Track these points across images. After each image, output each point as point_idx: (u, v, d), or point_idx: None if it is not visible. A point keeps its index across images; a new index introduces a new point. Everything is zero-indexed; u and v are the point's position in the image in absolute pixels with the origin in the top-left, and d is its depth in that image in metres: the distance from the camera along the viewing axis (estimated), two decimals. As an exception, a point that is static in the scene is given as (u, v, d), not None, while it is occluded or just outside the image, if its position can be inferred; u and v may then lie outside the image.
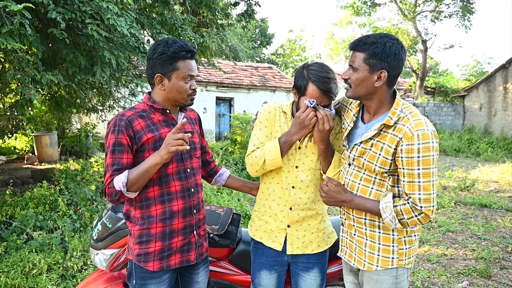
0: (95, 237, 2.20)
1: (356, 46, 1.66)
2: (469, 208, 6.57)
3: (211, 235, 2.12)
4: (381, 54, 1.59)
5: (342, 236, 1.93)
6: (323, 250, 2.02)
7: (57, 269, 3.71)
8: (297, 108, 1.91)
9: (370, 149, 1.70)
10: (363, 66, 1.63)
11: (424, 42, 19.39)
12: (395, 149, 1.61)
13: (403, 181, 1.62)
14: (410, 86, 22.10)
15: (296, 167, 1.96)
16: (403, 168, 1.60)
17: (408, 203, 1.60)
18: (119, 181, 1.64)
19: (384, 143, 1.65)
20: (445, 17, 19.14)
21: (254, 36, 31.69)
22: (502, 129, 15.58)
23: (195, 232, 1.88)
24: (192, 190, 1.87)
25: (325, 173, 1.92)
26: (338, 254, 1.97)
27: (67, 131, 12.18)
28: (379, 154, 1.66)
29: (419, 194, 1.57)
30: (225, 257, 2.29)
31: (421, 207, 1.57)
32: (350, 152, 1.80)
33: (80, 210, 5.46)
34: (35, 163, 10.42)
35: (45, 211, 5.28)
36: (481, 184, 8.43)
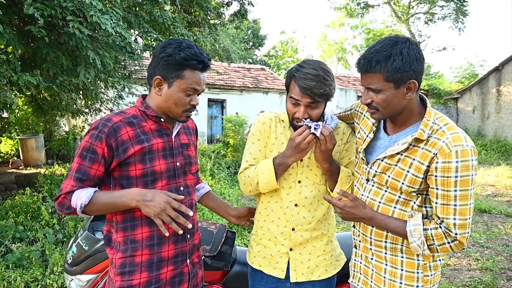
0: (69, 261, 1.94)
1: (369, 68, 1.38)
2: (468, 213, 6.38)
3: (202, 258, 1.87)
4: (403, 66, 1.34)
5: (355, 260, 1.69)
6: (331, 276, 1.78)
7: (35, 287, 3.41)
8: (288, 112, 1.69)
9: (396, 165, 1.46)
10: (386, 85, 1.38)
11: (417, 44, 19.33)
12: (428, 166, 1.38)
13: (436, 202, 1.39)
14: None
15: (299, 182, 1.73)
16: (437, 189, 1.37)
17: (441, 227, 1.38)
18: (78, 199, 1.40)
19: (414, 159, 1.42)
20: (438, 19, 19.14)
21: (246, 37, 31.47)
22: (496, 131, 15.54)
23: (188, 260, 1.61)
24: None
25: (332, 191, 1.70)
26: (349, 281, 1.73)
27: (55, 133, 11.82)
28: (408, 171, 1.43)
29: (454, 219, 1.36)
30: (218, 280, 2.04)
31: (456, 234, 1.36)
32: (370, 168, 1.56)
33: (64, 219, 5.17)
34: (20, 167, 10.08)
35: (26, 221, 4.97)
36: (478, 188, 8.29)
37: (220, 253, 1.98)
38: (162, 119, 1.55)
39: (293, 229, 1.72)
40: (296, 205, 1.72)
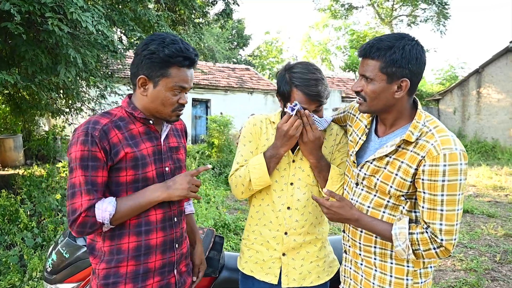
0: (49, 269, 1.84)
1: (369, 52, 1.38)
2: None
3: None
4: (401, 60, 1.32)
5: (345, 265, 1.65)
6: (323, 282, 1.73)
7: (12, 294, 3.28)
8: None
9: (385, 168, 1.43)
10: (379, 76, 1.36)
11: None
12: (416, 169, 1.35)
13: (422, 207, 1.36)
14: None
15: (291, 184, 1.68)
16: (424, 192, 1.34)
17: (427, 232, 1.35)
18: (105, 211, 1.30)
19: (402, 162, 1.39)
20: (421, 21, 19.49)
21: (230, 37, 31.34)
22: (476, 132, 15.86)
23: (175, 271, 1.53)
24: (176, 219, 1.53)
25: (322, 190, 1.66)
26: (340, 287, 1.69)
27: (34, 133, 11.48)
28: (396, 174, 1.40)
29: (441, 224, 1.32)
30: (206, 287, 1.98)
31: (441, 240, 1.31)
32: (359, 170, 1.52)
33: (43, 222, 5.00)
34: (-3, 168, 9.75)
35: (3, 224, 4.79)
36: (460, 188, 8.40)
37: (207, 259, 1.92)
38: (151, 121, 1.46)
39: (285, 233, 1.67)
40: (288, 208, 1.67)
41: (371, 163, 1.47)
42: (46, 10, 3.36)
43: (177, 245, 1.53)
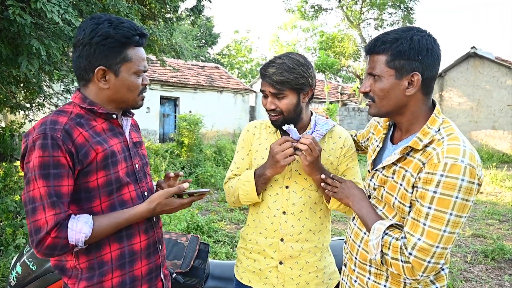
0: (12, 283, 1.64)
1: (374, 47, 1.26)
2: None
3: (173, 275, 1.65)
4: (409, 51, 1.20)
5: (342, 279, 1.54)
6: None
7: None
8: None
9: (392, 178, 1.30)
10: (387, 71, 1.23)
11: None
12: (416, 177, 1.21)
13: (408, 215, 1.22)
14: (354, 91, 22.79)
15: (286, 187, 1.58)
16: (417, 201, 1.19)
17: (401, 241, 1.19)
18: (79, 233, 1.13)
19: (407, 171, 1.24)
20: (387, 25, 19.96)
21: (199, 35, 30.92)
22: (438, 134, 16.48)
23: (161, 274, 1.41)
24: (154, 219, 1.40)
25: (328, 203, 1.57)
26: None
27: (-12, 130, 10.76)
28: (400, 185, 1.26)
29: (419, 239, 1.14)
30: (189, 299, 1.83)
31: (409, 254, 1.15)
32: (370, 180, 1.42)
33: (0, 225, 4.64)
34: None
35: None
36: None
37: (192, 269, 1.78)
38: (115, 116, 1.31)
39: (281, 240, 1.57)
40: (284, 212, 1.57)
41: (381, 172, 1.36)
42: (7, -4, 3.07)
43: (160, 246, 1.41)
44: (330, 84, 21.62)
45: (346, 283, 1.49)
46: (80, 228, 1.14)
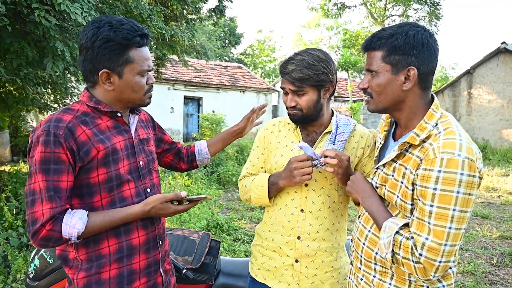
0: (31, 275, 1.71)
1: (370, 43, 1.27)
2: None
3: (183, 271, 1.68)
4: (404, 46, 1.21)
5: (349, 277, 1.52)
6: None
7: (-6, 297, 3.12)
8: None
9: (393, 176, 1.28)
10: (383, 66, 1.24)
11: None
12: (414, 174, 1.20)
13: (413, 215, 1.20)
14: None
15: (306, 185, 1.57)
16: (419, 200, 1.18)
17: (411, 240, 1.18)
18: (72, 228, 1.18)
19: (407, 168, 1.23)
20: (413, 21, 19.49)
21: (222, 35, 31.15)
22: (467, 133, 15.97)
23: (161, 269, 1.44)
24: None
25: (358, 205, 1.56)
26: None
27: (21, 129, 11.21)
28: (401, 183, 1.24)
29: (426, 238, 1.13)
30: (200, 294, 1.86)
31: (420, 255, 1.13)
32: (372, 179, 1.40)
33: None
34: (-17, 165, 9.50)
35: (-12, 223, 4.61)
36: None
37: (203, 265, 1.80)
38: (119, 114, 1.35)
39: (298, 238, 1.56)
40: (302, 210, 1.56)
41: (381, 170, 1.35)
42: (32, 1, 3.20)
43: (160, 242, 1.44)
44: (354, 82, 21.31)
45: (353, 281, 1.47)
46: (74, 223, 1.19)
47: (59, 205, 1.18)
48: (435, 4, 18.23)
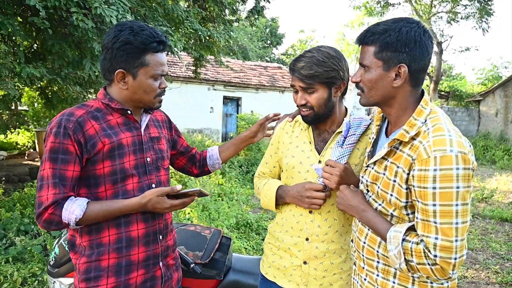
0: (51, 262, 1.82)
1: (364, 38, 1.27)
2: (488, 222, 6.09)
3: (192, 265, 1.72)
4: (396, 43, 1.20)
5: (353, 278, 1.50)
6: None
7: (32, 283, 3.34)
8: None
9: (384, 174, 1.27)
10: (375, 62, 1.24)
11: (439, 44, 18.79)
12: (408, 174, 1.19)
13: (416, 217, 1.18)
14: (423, 89, 21.58)
15: None
16: (418, 201, 1.17)
17: (422, 244, 1.16)
18: (71, 213, 1.27)
19: (398, 166, 1.22)
20: (461, 18, 18.51)
21: (264, 35, 31.27)
22: (519, 136, 14.98)
23: (161, 263, 1.49)
24: None
25: None
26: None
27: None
28: (394, 181, 1.23)
29: (436, 238, 1.12)
30: (210, 290, 1.89)
31: (435, 256, 1.12)
32: (362, 177, 1.39)
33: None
34: (36, 159, 10.20)
35: (33, 213, 4.94)
36: (500, 195, 7.92)
37: (212, 261, 1.83)
38: (129, 112, 1.43)
39: (307, 239, 1.56)
40: (310, 212, 1.55)
41: (372, 167, 1.33)
42: (71, 5, 3.39)
43: (161, 236, 1.49)
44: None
45: (357, 282, 1.45)
46: (73, 209, 1.27)
47: (62, 191, 1.28)
48: (487, 0, 17.22)
